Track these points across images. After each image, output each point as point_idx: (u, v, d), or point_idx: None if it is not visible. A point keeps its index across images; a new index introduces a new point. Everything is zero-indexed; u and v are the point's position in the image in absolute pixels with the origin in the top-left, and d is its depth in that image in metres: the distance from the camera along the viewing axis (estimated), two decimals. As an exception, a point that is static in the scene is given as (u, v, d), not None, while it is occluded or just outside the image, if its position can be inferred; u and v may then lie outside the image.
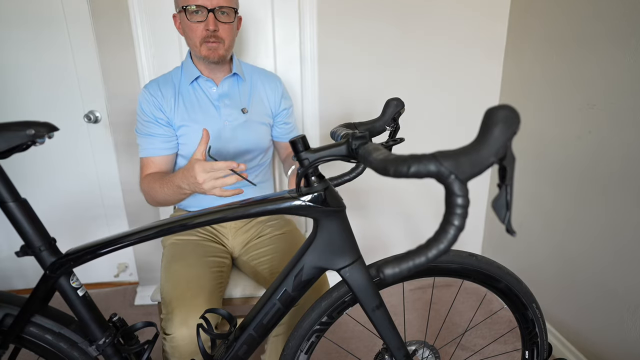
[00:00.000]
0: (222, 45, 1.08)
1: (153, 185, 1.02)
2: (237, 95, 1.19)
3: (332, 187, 0.68)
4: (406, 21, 1.66)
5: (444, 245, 0.42)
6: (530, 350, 0.94)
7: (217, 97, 1.16)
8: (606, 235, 1.26)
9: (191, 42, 1.09)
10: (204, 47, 1.07)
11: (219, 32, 1.06)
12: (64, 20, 1.60)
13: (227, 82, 1.18)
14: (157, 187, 0.99)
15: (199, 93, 1.16)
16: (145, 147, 1.11)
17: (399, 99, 0.76)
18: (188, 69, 1.15)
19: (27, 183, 1.79)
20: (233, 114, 1.17)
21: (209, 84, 1.16)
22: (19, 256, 0.70)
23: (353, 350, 1.52)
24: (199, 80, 1.16)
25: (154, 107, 1.11)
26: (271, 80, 1.27)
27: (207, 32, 1.05)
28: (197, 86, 1.16)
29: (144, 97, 1.12)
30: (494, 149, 0.41)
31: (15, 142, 0.65)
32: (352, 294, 0.78)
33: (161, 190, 0.98)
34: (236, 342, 0.76)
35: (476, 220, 2.02)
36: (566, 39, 1.40)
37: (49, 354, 0.76)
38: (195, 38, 1.06)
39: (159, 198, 1.01)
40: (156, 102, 1.11)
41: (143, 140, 1.12)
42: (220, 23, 1.06)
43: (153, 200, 1.05)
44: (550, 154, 1.50)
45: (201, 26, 1.04)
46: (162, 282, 1.06)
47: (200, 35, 1.06)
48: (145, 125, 1.11)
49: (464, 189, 0.41)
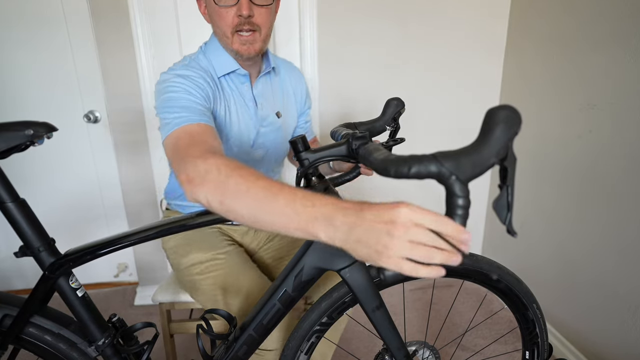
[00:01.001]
0: (259, 36, 0.88)
1: (237, 175, 0.53)
2: (271, 94, 1.01)
3: (332, 187, 0.68)
4: (406, 21, 1.65)
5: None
6: (530, 351, 0.94)
7: (251, 97, 0.97)
8: (607, 235, 1.26)
9: (220, 31, 0.88)
10: (237, 40, 0.87)
11: (255, 17, 0.85)
12: (64, 20, 1.60)
13: (262, 79, 0.99)
14: (245, 186, 0.51)
15: (233, 89, 0.94)
16: (179, 115, 0.73)
17: (399, 98, 0.76)
18: (219, 57, 0.91)
19: (26, 183, 1.79)
20: (269, 117, 1.00)
21: (244, 79, 0.95)
22: (17, 257, 0.69)
23: (353, 350, 1.52)
24: (233, 75, 0.93)
25: (203, 91, 0.83)
26: (295, 72, 1.09)
27: (239, 19, 0.84)
28: (229, 80, 0.94)
29: (190, 73, 0.83)
30: (495, 150, 0.41)
31: (14, 142, 0.65)
32: (352, 295, 0.78)
33: (251, 196, 0.50)
34: (236, 343, 0.76)
35: (476, 221, 2.02)
36: (567, 38, 1.39)
37: (48, 354, 0.76)
38: (225, 27, 0.86)
39: (231, 200, 0.52)
40: (205, 88, 0.84)
41: (175, 113, 0.74)
42: (256, 6, 0.84)
43: (214, 195, 0.54)
44: (551, 153, 1.50)
45: (232, 11, 0.83)
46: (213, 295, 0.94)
47: (232, 23, 0.85)
48: (182, 94, 0.78)
49: (464, 189, 0.41)
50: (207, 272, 0.97)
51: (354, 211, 0.43)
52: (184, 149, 0.63)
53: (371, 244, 0.41)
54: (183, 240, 1.03)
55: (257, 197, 0.49)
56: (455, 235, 0.41)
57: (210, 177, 0.54)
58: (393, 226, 0.40)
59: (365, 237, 0.42)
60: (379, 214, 0.41)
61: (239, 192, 0.51)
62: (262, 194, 0.49)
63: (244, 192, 0.50)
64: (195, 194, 0.54)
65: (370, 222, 0.41)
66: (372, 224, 0.41)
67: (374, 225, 0.41)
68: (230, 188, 0.51)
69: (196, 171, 0.56)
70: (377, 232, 0.41)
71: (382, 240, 0.41)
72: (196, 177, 0.55)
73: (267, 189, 0.49)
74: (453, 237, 0.41)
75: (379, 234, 0.41)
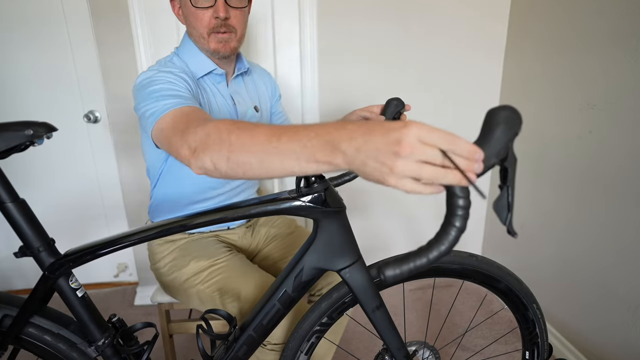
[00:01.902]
0: (234, 36, 0.91)
1: (237, 128, 0.52)
2: (246, 92, 1.07)
3: (332, 188, 0.68)
4: (406, 21, 1.65)
5: (445, 246, 0.41)
6: (530, 351, 0.94)
7: (228, 95, 1.01)
8: (607, 235, 1.26)
9: (196, 32, 0.90)
10: (213, 39, 0.89)
11: (230, 19, 0.88)
12: (64, 20, 1.60)
13: (237, 79, 1.04)
14: (249, 133, 0.51)
15: (212, 88, 0.97)
16: (169, 102, 0.71)
17: (399, 98, 0.76)
18: (195, 58, 0.93)
19: (26, 183, 1.79)
20: (248, 112, 1.04)
21: (220, 79, 0.99)
22: (17, 257, 0.69)
23: (353, 351, 1.52)
24: (211, 75, 0.96)
25: (188, 85, 0.83)
26: (263, 70, 1.18)
27: (216, 21, 0.87)
28: (208, 81, 0.97)
29: (172, 69, 0.84)
30: (495, 150, 0.40)
31: (14, 142, 0.65)
32: (352, 295, 0.78)
33: (256, 142, 0.50)
34: (236, 343, 0.76)
35: (477, 221, 2.02)
36: (566, 38, 1.39)
37: (48, 354, 0.76)
38: (201, 28, 0.88)
39: (237, 153, 0.51)
40: (189, 84, 0.84)
41: (163, 101, 0.72)
42: (232, 9, 0.87)
43: (220, 153, 0.52)
44: (551, 154, 1.50)
45: (208, 13, 0.86)
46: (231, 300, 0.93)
47: (208, 24, 0.87)
48: (168, 85, 0.77)
49: (465, 190, 0.41)
50: (209, 279, 0.96)
51: (360, 134, 0.42)
52: (183, 124, 0.62)
53: (377, 165, 0.40)
54: (180, 252, 1.01)
55: (261, 142, 0.49)
56: (468, 153, 0.39)
57: (212, 139, 0.53)
58: (399, 146, 0.39)
59: (372, 159, 0.41)
60: (386, 135, 0.40)
61: (244, 143, 0.50)
62: (265, 137, 0.49)
63: (248, 140, 0.50)
64: (202, 161, 0.54)
65: (377, 144, 0.40)
66: (379, 145, 0.40)
67: (381, 147, 0.40)
68: (233, 141, 0.51)
69: (197, 138, 0.55)
70: (384, 153, 0.40)
71: (388, 161, 0.39)
72: (199, 144, 0.55)
73: (270, 132, 0.49)
74: (465, 156, 0.39)
75: (385, 155, 0.40)
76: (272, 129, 0.49)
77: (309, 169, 0.46)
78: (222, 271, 0.96)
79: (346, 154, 0.43)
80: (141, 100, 0.77)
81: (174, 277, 1.00)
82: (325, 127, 0.45)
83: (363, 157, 0.41)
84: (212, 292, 0.95)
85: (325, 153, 0.44)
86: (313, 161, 0.45)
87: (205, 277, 0.96)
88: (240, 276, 0.95)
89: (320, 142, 0.44)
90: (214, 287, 0.95)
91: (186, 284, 0.98)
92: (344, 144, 0.43)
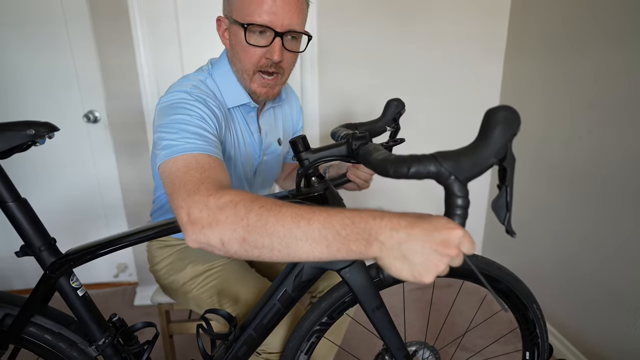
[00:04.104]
0: (280, 80, 0.83)
1: (259, 207, 0.48)
2: (274, 123, 0.98)
3: (332, 188, 0.68)
4: (406, 21, 1.66)
5: (445, 246, 0.41)
6: (531, 351, 0.94)
7: (256, 126, 0.93)
8: (607, 235, 1.26)
9: (241, 65, 0.81)
10: (257, 80, 0.81)
11: (283, 62, 0.80)
12: (64, 20, 1.60)
13: (269, 110, 0.96)
14: (273, 214, 0.46)
15: (241, 120, 0.89)
16: (190, 141, 0.64)
17: (400, 99, 0.76)
18: (230, 87, 0.85)
19: (27, 183, 1.79)
20: (272, 145, 0.98)
21: (252, 111, 0.90)
22: (18, 256, 0.70)
23: (353, 350, 1.52)
24: (243, 106, 0.88)
25: (217, 120, 0.76)
26: (293, 96, 1.07)
27: (267, 61, 0.79)
28: (238, 111, 0.89)
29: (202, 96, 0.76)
30: (494, 150, 0.41)
31: (16, 142, 0.66)
32: (352, 295, 0.78)
33: (282, 225, 0.45)
34: (236, 343, 0.76)
35: (476, 221, 2.02)
36: (566, 39, 1.39)
37: (48, 354, 0.76)
38: (248, 64, 0.79)
39: (256, 235, 0.46)
40: (219, 117, 0.78)
41: (185, 138, 0.65)
42: (286, 51, 0.79)
43: (234, 233, 0.47)
44: (551, 154, 1.50)
45: (261, 52, 0.78)
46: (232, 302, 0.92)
47: (257, 62, 0.79)
48: (196, 120, 0.70)
49: (464, 189, 0.41)
50: (205, 283, 0.96)
51: (402, 227, 0.40)
52: (193, 184, 0.54)
53: (417, 262, 0.40)
54: (177, 256, 1.00)
55: (288, 225, 0.45)
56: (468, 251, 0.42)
57: (226, 215, 0.48)
58: (447, 248, 0.39)
59: (413, 255, 0.40)
60: (431, 234, 0.40)
61: (266, 224, 0.45)
62: (292, 220, 0.45)
63: (272, 222, 0.45)
64: (206, 237, 0.48)
65: (423, 242, 0.40)
66: (424, 243, 0.40)
67: (426, 245, 0.40)
68: (252, 221, 0.46)
69: (205, 213, 0.49)
70: (428, 251, 0.40)
71: (432, 259, 0.40)
72: (204, 217, 0.49)
73: (297, 215, 0.45)
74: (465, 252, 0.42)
75: (430, 253, 0.40)
76: (299, 210, 0.46)
77: (338, 256, 0.43)
78: (218, 275, 0.96)
79: (385, 244, 0.41)
80: (162, 122, 0.69)
81: (171, 281, 1.00)
82: (360, 214, 0.43)
83: (403, 252, 0.40)
84: (209, 296, 0.95)
85: (360, 243, 0.42)
86: (345, 251, 0.42)
87: (201, 281, 0.96)
88: (237, 280, 0.95)
89: (356, 231, 0.42)
90: (210, 291, 0.95)
91: (183, 288, 0.98)
92: (385, 235, 0.41)
